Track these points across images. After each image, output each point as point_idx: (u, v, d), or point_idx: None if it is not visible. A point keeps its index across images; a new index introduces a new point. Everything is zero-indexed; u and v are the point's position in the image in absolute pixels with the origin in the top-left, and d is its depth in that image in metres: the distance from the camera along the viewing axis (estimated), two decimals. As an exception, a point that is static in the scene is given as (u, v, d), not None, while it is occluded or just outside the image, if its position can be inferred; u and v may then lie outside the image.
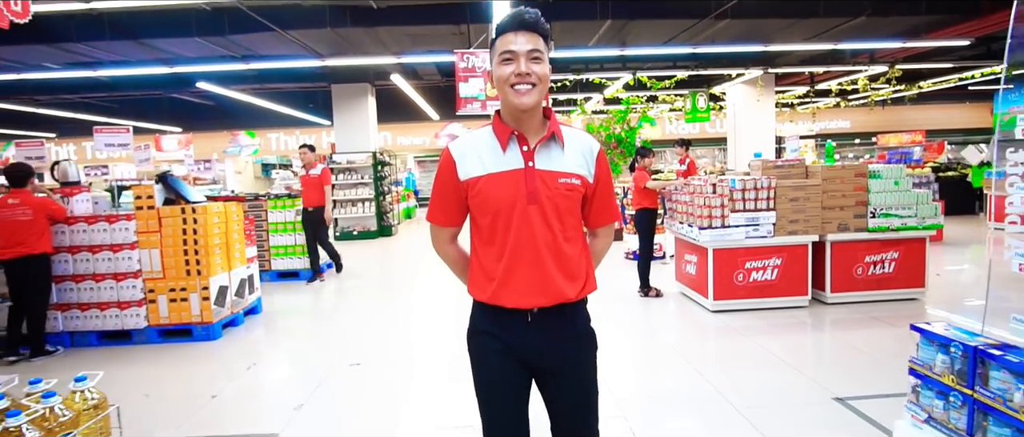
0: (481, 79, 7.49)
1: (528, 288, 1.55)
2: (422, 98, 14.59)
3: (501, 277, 1.56)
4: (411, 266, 8.89)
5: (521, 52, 1.49)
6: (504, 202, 1.54)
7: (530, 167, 1.55)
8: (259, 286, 5.94)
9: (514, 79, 1.49)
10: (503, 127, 1.57)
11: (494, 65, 1.55)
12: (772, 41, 10.06)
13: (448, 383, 3.78)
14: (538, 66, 1.50)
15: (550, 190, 1.55)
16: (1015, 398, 2.04)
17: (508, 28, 1.52)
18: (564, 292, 1.57)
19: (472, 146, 1.58)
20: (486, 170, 1.55)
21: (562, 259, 1.58)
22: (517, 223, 1.54)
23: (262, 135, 20.61)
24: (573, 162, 1.58)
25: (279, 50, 10.23)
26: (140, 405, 3.52)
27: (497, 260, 1.56)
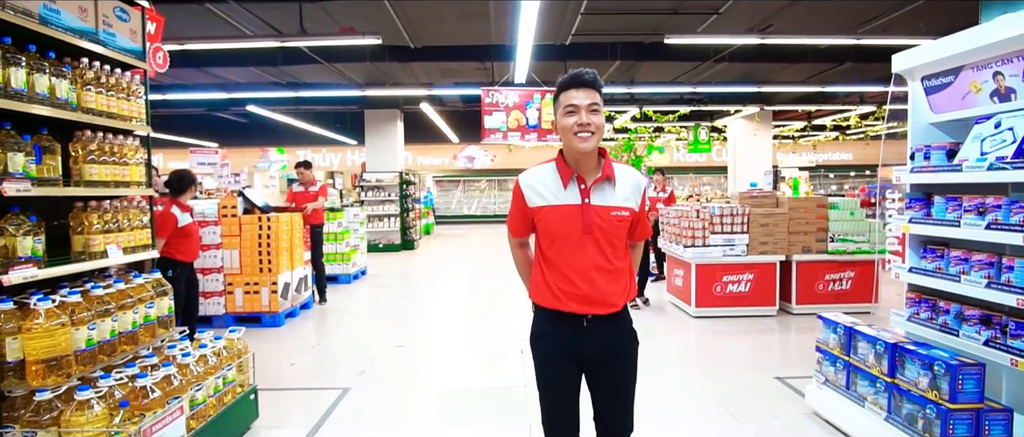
0: (503, 113, 8.55)
1: (584, 299, 1.85)
2: (445, 122, 15.73)
3: (561, 290, 1.86)
4: (435, 275, 9.88)
5: (582, 105, 1.78)
6: (563, 230, 1.84)
7: (586, 203, 1.84)
8: (311, 285, 6.98)
9: (576, 128, 1.78)
10: (565, 167, 1.87)
11: (558, 116, 1.86)
12: (766, 83, 11.07)
13: (472, 360, 4.76)
14: (596, 117, 1.79)
15: (603, 222, 1.84)
16: (869, 359, 2.99)
17: (570, 85, 1.82)
18: (612, 302, 1.88)
19: (538, 180, 1.90)
20: (548, 202, 1.86)
21: (611, 276, 1.87)
22: (574, 248, 1.84)
23: (291, 152, 21.87)
24: (623, 196, 1.88)
25: (321, 79, 11.45)
26: (237, 368, 4.54)
27: (557, 276, 1.87)
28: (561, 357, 1.92)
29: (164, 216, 4.22)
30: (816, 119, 14.31)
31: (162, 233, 4.18)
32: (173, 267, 4.22)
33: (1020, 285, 2.65)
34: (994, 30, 2.83)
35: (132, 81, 3.21)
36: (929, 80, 3.31)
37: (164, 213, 4.24)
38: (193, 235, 4.45)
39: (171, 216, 4.26)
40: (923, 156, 3.27)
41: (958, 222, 2.95)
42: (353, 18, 7.59)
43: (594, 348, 1.91)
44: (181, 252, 4.33)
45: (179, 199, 4.40)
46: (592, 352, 1.91)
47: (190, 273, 4.50)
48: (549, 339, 1.94)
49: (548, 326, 1.93)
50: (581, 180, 1.86)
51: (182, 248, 4.34)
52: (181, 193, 4.41)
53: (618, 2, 7.33)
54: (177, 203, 4.37)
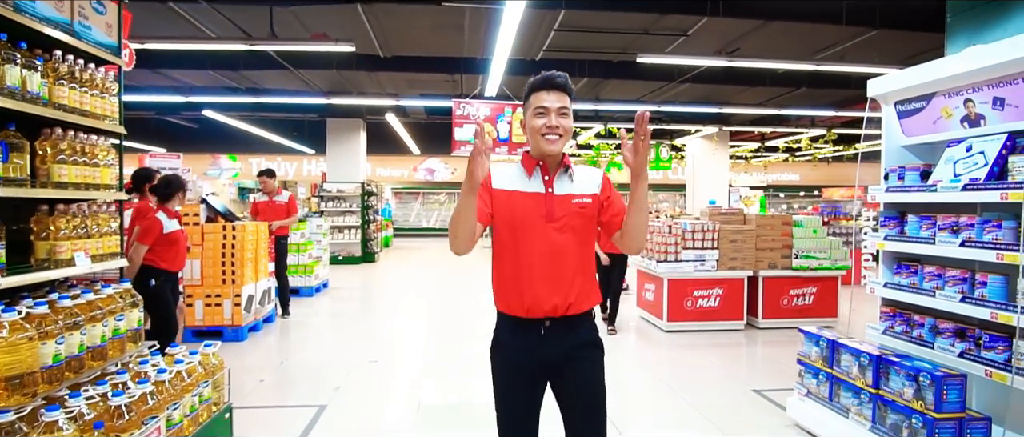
0: (474, 126, 8.52)
1: (543, 296, 1.78)
2: (408, 133, 15.58)
3: (520, 285, 1.79)
4: (399, 288, 9.68)
5: (552, 108, 1.77)
6: (526, 216, 1.80)
7: (549, 192, 1.82)
8: (274, 298, 6.71)
9: (545, 129, 1.78)
10: (530, 160, 1.87)
11: (527, 116, 1.85)
12: (726, 104, 11.47)
13: (449, 374, 4.67)
14: (565, 120, 1.79)
15: (565, 210, 1.81)
16: (853, 371, 3.08)
17: (541, 87, 1.81)
18: (573, 303, 1.80)
19: (505, 170, 1.90)
20: (514, 187, 1.84)
21: (572, 273, 1.80)
22: (535, 237, 1.79)
23: (243, 159, 21.21)
24: (582, 185, 1.87)
25: (284, 85, 11.15)
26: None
27: (517, 269, 1.80)
28: (520, 370, 1.85)
29: (149, 221, 3.97)
30: (769, 141, 14.94)
31: (146, 239, 3.93)
32: (156, 276, 3.96)
33: (994, 299, 2.80)
34: (965, 60, 3.01)
35: (106, 77, 3.02)
36: (902, 105, 3.49)
37: (149, 218, 3.99)
38: (179, 243, 4.16)
39: (156, 221, 3.97)
40: (897, 176, 3.44)
41: (933, 239, 3.09)
42: (324, 24, 7.44)
43: (554, 355, 1.82)
44: (166, 260, 4.02)
45: (166, 205, 4.14)
46: (553, 360, 1.83)
47: (174, 282, 4.22)
48: (507, 348, 1.88)
49: (507, 334, 1.88)
50: (545, 170, 1.85)
51: (167, 256, 4.04)
52: (168, 199, 4.16)
53: (593, 20, 7.45)
54: (163, 209, 4.11)
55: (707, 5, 6.74)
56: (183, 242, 4.23)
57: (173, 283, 4.18)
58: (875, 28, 7.18)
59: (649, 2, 6.91)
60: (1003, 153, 2.82)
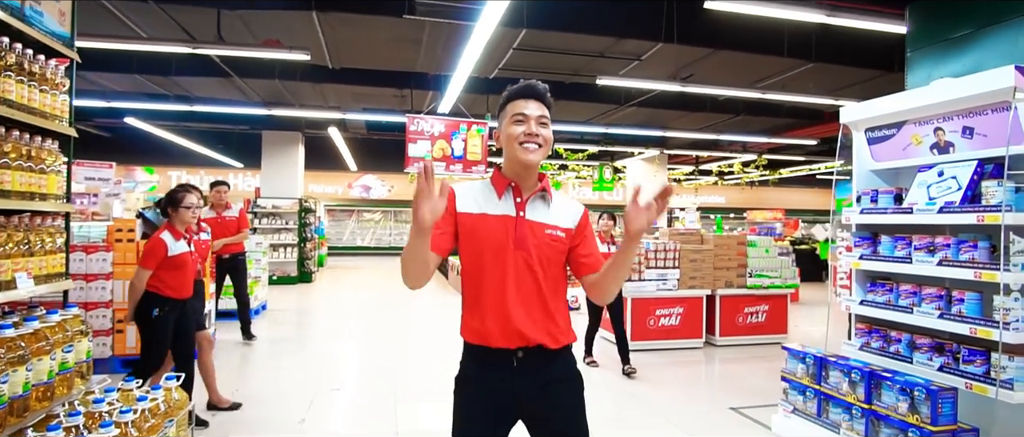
0: (428, 142, 8.33)
1: (513, 328, 1.62)
2: (347, 149, 15.07)
3: (487, 315, 1.64)
4: (344, 310, 9.21)
5: (532, 116, 1.66)
6: (494, 243, 1.65)
7: (521, 217, 1.67)
8: (215, 323, 6.16)
9: (524, 138, 1.64)
10: (502, 179, 1.71)
11: (503, 125, 1.70)
12: (668, 128, 11.90)
13: (420, 402, 4.43)
14: (544, 130, 1.67)
15: (537, 239, 1.66)
16: (843, 387, 3.16)
17: (520, 95, 1.71)
18: (548, 335, 1.65)
19: (471, 189, 1.72)
20: (480, 210, 1.67)
21: (543, 306, 1.66)
22: (504, 266, 1.64)
23: (161, 172, 19.70)
24: (557, 216, 1.71)
25: (218, 94, 10.49)
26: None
27: (483, 299, 1.65)
28: (487, 407, 1.66)
29: (151, 242, 3.51)
30: (702, 164, 15.66)
31: (147, 262, 3.45)
32: (160, 305, 3.48)
33: (971, 315, 2.96)
34: (935, 92, 3.21)
35: (57, 72, 2.66)
36: (872, 132, 3.68)
37: (152, 239, 3.53)
38: (186, 266, 3.61)
39: (159, 243, 3.48)
40: (870, 199, 3.61)
41: (909, 259, 3.25)
42: (274, 31, 7.04)
43: (529, 390, 1.64)
44: (170, 287, 3.52)
45: (172, 223, 3.63)
46: (527, 395, 1.64)
47: (181, 312, 3.64)
48: (473, 384, 1.69)
49: (474, 367, 1.70)
50: (517, 192, 1.69)
51: (171, 282, 3.53)
52: (170, 216, 3.66)
53: (553, 40, 7.51)
54: (169, 227, 3.61)
55: (662, 32, 6.96)
56: (192, 266, 3.67)
57: (181, 311, 3.63)
58: (811, 61, 7.67)
59: (609, 26, 7.05)
60: (975, 178, 3.02)
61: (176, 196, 3.61)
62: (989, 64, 3.34)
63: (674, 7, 6.83)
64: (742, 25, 6.73)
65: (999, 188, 2.85)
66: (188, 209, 3.58)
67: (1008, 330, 2.73)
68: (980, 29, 3.46)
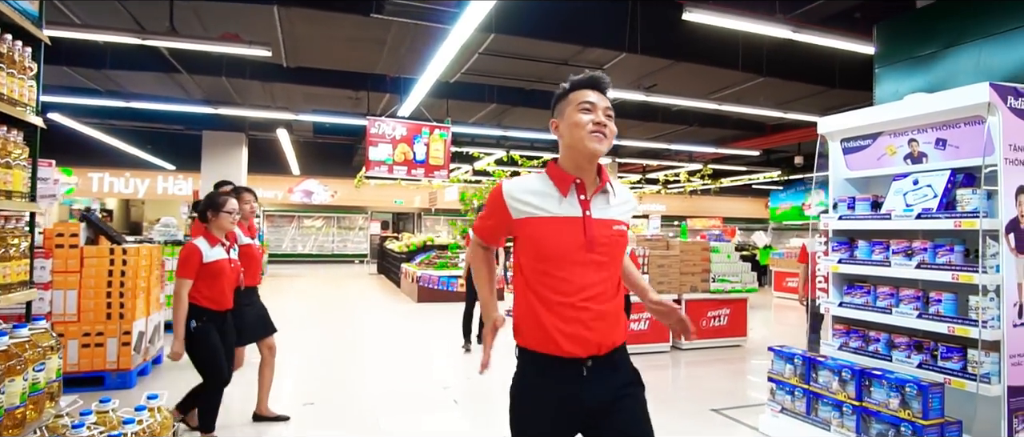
0: (389, 145, 8.11)
1: (584, 338, 1.56)
2: (293, 152, 14.50)
3: (555, 322, 1.55)
4: (296, 319, 8.78)
5: (599, 105, 1.60)
6: (561, 247, 1.56)
7: (587, 216, 1.58)
8: (164, 335, 5.72)
9: (592, 126, 1.57)
10: (563, 175, 1.61)
11: (568, 113, 1.62)
12: (622, 137, 12.16)
13: (403, 416, 4.27)
14: (611, 122, 1.61)
15: (605, 237, 1.60)
16: (833, 386, 3.28)
17: (585, 85, 1.64)
18: (616, 339, 1.61)
19: (526, 188, 1.62)
20: (542, 213, 1.58)
21: (613, 305, 1.62)
22: (573, 270, 1.56)
23: (81, 173, 18.27)
24: (619, 210, 1.68)
25: (157, 90, 9.83)
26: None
27: (550, 305, 1.56)
28: (556, 415, 1.57)
29: (186, 250, 3.22)
30: (649, 173, 16.13)
31: (183, 271, 3.17)
32: (197, 316, 3.20)
33: (949, 315, 3.16)
34: (910, 106, 3.42)
35: (25, 54, 2.38)
36: (848, 142, 3.88)
37: (186, 246, 3.24)
38: (223, 275, 3.31)
39: (193, 250, 3.21)
40: (846, 206, 3.79)
41: (888, 262, 3.44)
42: (230, 25, 6.66)
43: (596, 400, 1.57)
44: (206, 297, 3.24)
45: (208, 227, 3.33)
46: (594, 405, 1.57)
47: (222, 324, 3.37)
48: (539, 391, 1.59)
49: (537, 376, 1.60)
50: (581, 189, 1.61)
51: (207, 292, 3.25)
52: (206, 220, 3.36)
53: (519, 47, 7.51)
54: (205, 233, 3.31)
55: (626, 41, 7.12)
56: (230, 274, 3.38)
57: (221, 323, 3.35)
58: (762, 75, 8.06)
59: (576, 34, 7.13)
60: (949, 186, 3.23)
61: (218, 200, 3.34)
62: (954, 80, 3.60)
63: (639, 18, 7.00)
64: (702, 38, 6.99)
65: (974, 196, 3.06)
66: (229, 214, 3.32)
67: (986, 328, 2.93)
68: (945, 48, 3.72)
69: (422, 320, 8.59)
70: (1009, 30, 3.39)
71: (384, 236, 20.52)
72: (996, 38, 3.45)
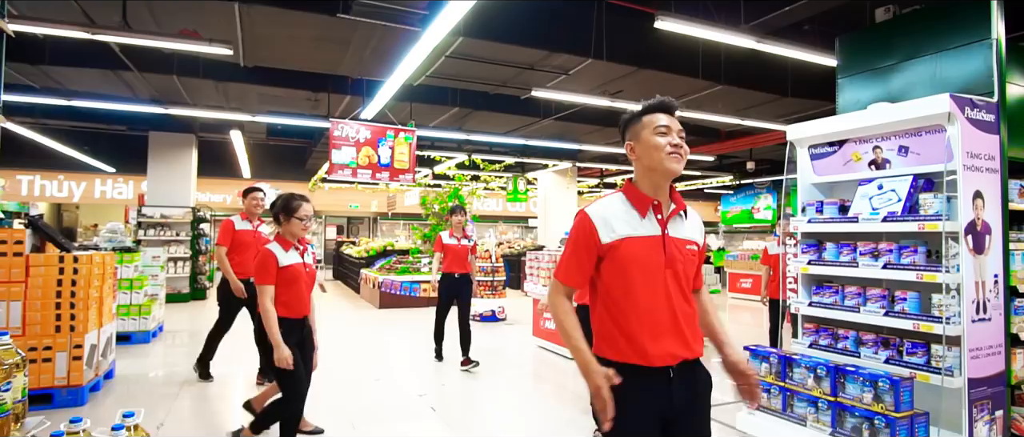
0: (353, 148, 7.94)
1: (670, 345, 1.67)
2: (246, 154, 14.00)
3: (643, 335, 1.66)
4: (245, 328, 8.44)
5: (673, 128, 1.73)
6: (645, 264, 1.68)
7: (666, 234, 1.72)
8: (115, 348, 5.38)
9: (670, 148, 1.70)
10: (642, 196, 1.74)
11: (643, 137, 1.74)
12: (582, 142, 12.33)
13: (379, 429, 4.17)
14: (684, 143, 1.74)
15: (682, 255, 1.73)
16: (809, 382, 3.41)
17: (658, 109, 1.76)
18: (696, 348, 1.73)
19: (610, 212, 1.72)
20: (627, 233, 1.69)
21: (691, 318, 1.74)
22: (656, 285, 1.68)
23: (6, 175, 17.07)
24: (692, 231, 1.81)
25: (101, 88, 9.30)
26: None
27: (638, 319, 1.67)
28: (649, 419, 1.67)
29: (261, 256, 3.09)
30: (608, 177, 16.41)
31: (264, 278, 3.04)
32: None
33: (914, 312, 3.34)
34: (875, 114, 3.61)
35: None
36: (815, 149, 4.05)
37: (261, 252, 3.10)
38: (299, 280, 3.16)
39: (268, 255, 3.06)
40: (815, 209, 3.96)
41: (855, 263, 3.61)
42: (186, 21, 6.37)
43: (680, 403, 1.70)
44: (282, 304, 3.08)
45: (282, 231, 3.18)
46: (677, 408, 1.70)
47: (299, 331, 3.20)
48: (635, 398, 1.65)
49: (630, 384, 1.64)
50: (658, 209, 1.74)
51: (283, 298, 3.09)
52: (279, 223, 3.20)
53: (486, 51, 7.50)
54: (279, 238, 3.13)
55: (592, 48, 7.22)
56: (305, 280, 3.22)
57: (298, 331, 3.18)
58: (720, 83, 8.34)
59: (543, 39, 7.18)
60: (912, 191, 3.42)
61: (292, 204, 3.18)
62: (912, 91, 3.82)
63: (605, 25, 7.11)
64: (665, 46, 7.17)
65: (936, 200, 3.25)
66: (300, 220, 3.17)
67: (949, 324, 3.11)
68: (903, 61, 3.95)
69: (386, 326, 8.42)
70: (960, 46, 3.63)
71: (340, 241, 20.07)
72: (949, 53, 3.68)
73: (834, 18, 6.51)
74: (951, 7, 3.72)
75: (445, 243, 6.03)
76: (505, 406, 4.81)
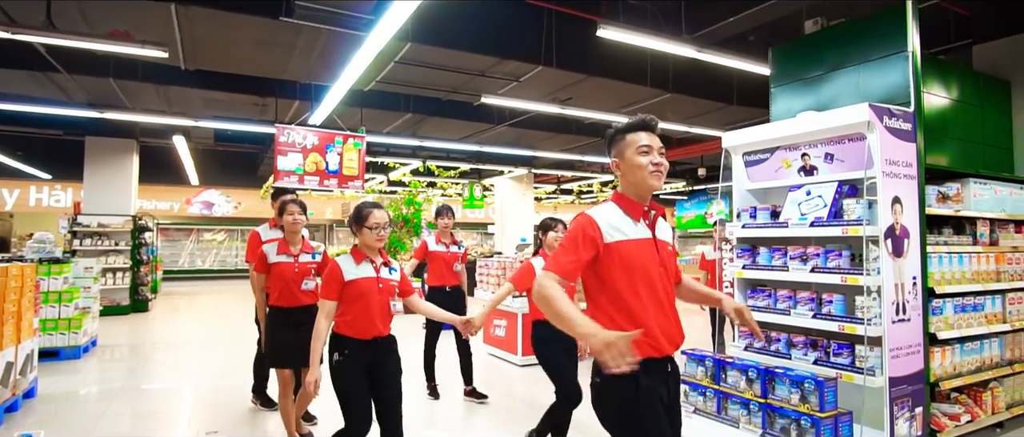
0: (300, 155, 7.75)
1: (667, 337, 1.90)
2: (191, 160, 13.52)
3: (657, 330, 1.86)
4: (193, 340, 8.13)
5: (655, 146, 1.91)
6: (643, 264, 1.89)
7: (654, 237, 1.97)
8: (37, 365, 5.08)
9: (652, 167, 1.89)
10: (633, 204, 1.94)
11: (627, 156, 1.92)
12: (537, 148, 12.39)
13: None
14: (664, 159, 1.93)
15: (666, 256, 1.98)
16: (741, 385, 3.47)
17: (639, 128, 1.93)
18: (680, 341, 1.97)
19: (610, 216, 1.92)
20: (628, 236, 1.89)
21: (677, 312, 1.97)
22: (654, 283, 1.89)
23: (-70, 183, 16.09)
24: (668, 233, 2.07)
25: (30, 91, 8.84)
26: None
27: (644, 315, 1.85)
28: (662, 411, 1.88)
29: (328, 270, 2.84)
30: (564, 184, 16.54)
31: (326, 292, 2.79)
32: (340, 347, 2.78)
33: (839, 314, 3.45)
34: (802, 123, 3.73)
35: None
36: (749, 156, 4.16)
37: (329, 265, 2.88)
38: (367, 298, 2.80)
39: (335, 267, 2.82)
40: (749, 215, 4.06)
41: (786, 267, 3.71)
42: (118, 21, 6.10)
43: (673, 390, 1.95)
44: (347, 323, 2.80)
45: (358, 243, 2.92)
46: (672, 395, 1.94)
47: (370, 356, 2.82)
48: (650, 389, 1.85)
49: (644, 375, 1.81)
50: (646, 215, 1.96)
51: (347, 316, 2.80)
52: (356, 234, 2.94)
53: (435, 56, 7.45)
54: (354, 249, 2.91)
55: (542, 55, 7.26)
56: (379, 299, 2.84)
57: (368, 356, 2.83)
58: (668, 92, 8.51)
59: (492, 46, 7.18)
60: (837, 197, 3.54)
61: (362, 212, 2.90)
62: (839, 100, 3.97)
63: (554, 33, 7.17)
64: (613, 55, 7.27)
65: (858, 205, 3.38)
66: (372, 229, 2.85)
67: (870, 325, 3.22)
68: (829, 71, 4.10)
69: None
70: (882, 57, 3.80)
71: (294, 249, 19.57)
72: (871, 64, 3.84)
73: (778, 29, 6.74)
74: (872, 21, 3.89)
75: (432, 250, 5.12)
76: (455, 416, 4.75)
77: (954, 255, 3.84)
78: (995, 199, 4.30)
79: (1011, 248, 4.30)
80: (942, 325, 3.70)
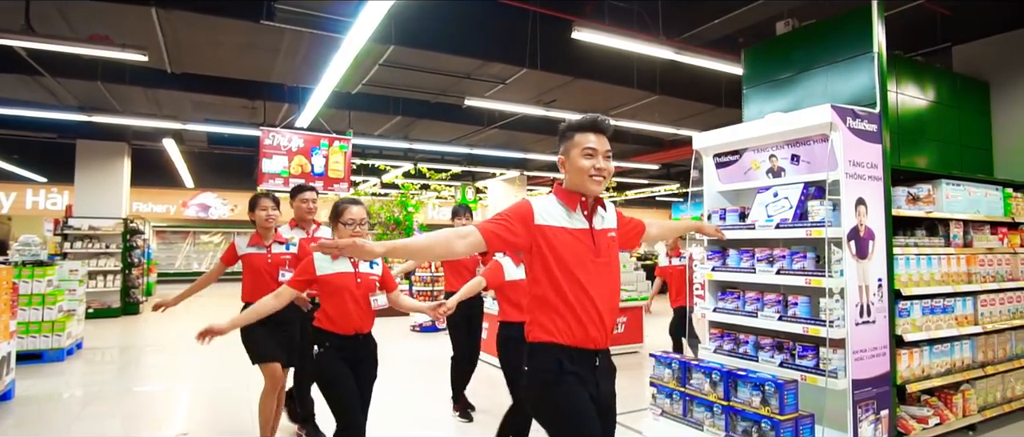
0: (285, 158, 7.77)
1: (604, 329, 1.90)
2: (184, 163, 13.56)
3: (581, 318, 1.86)
4: (182, 344, 8.14)
5: (600, 150, 1.93)
6: (578, 253, 1.90)
7: (592, 227, 1.97)
8: (14, 367, 5.10)
9: (593, 171, 1.92)
10: (571, 195, 1.97)
11: (572, 154, 1.94)
12: (529, 150, 12.39)
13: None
14: (609, 163, 1.95)
15: (607, 244, 1.99)
16: (705, 388, 3.46)
17: (589, 128, 1.94)
18: (609, 338, 1.97)
19: (545, 204, 1.97)
20: (561, 224, 1.92)
21: (615, 304, 1.99)
22: (589, 273, 1.89)
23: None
24: (610, 220, 2.07)
25: (20, 95, 8.89)
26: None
27: (576, 304, 1.86)
28: (587, 399, 1.85)
29: (305, 263, 2.83)
30: (559, 186, 16.55)
31: (294, 284, 2.77)
32: (320, 341, 2.78)
33: (804, 317, 3.44)
34: (768, 124, 3.72)
35: None
36: (719, 158, 4.15)
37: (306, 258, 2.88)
38: (345, 290, 2.78)
39: (308, 261, 2.84)
40: (719, 217, 4.05)
41: (754, 269, 3.70)
42: (100, 25, 6.13)
43: (606, 395, 1.93)
44: (328, 316, 2.80)
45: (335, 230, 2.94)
46: (602, 389, 1.92)
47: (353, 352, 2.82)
48: (577, 376, 1.85)
49: (568, 362, 1.85)
50: (585, 205, 1.98)
51: (328, 310, 2.80)
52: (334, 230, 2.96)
53: (419, 59, 7.47)
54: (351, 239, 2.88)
55: (527, 58, 7.27)
56: (356, 293, 2.81)
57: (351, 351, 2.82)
58: (656, 93, 8.50)
59: (477, 49, 7.19)
60: (802, 199, 3.53)
61: (338, 208, 2.91)
62: (807, 102, 3.96)
63: (538, 35, 7.17)
64: (599, 57, 7.27)
65: (822, 206, 3.36)
66: (347, 225, 2.84)
67: (833, 327, 3.21)
68: (799, 73, 4.09)
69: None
70: (848, 58, 3.79)
71: (289, 252, 19.61)
72: (839, 65, 3.84)
73: (769, 32, 6.73)
74: (840, 22, 3.88)
75: None
76: (432, 418, 4.74)
77: (922, 257, 3.82)
78: (969, 200, 4.28)
79: (985, 250, 4.28)
80: (909, 327, 3.69)
